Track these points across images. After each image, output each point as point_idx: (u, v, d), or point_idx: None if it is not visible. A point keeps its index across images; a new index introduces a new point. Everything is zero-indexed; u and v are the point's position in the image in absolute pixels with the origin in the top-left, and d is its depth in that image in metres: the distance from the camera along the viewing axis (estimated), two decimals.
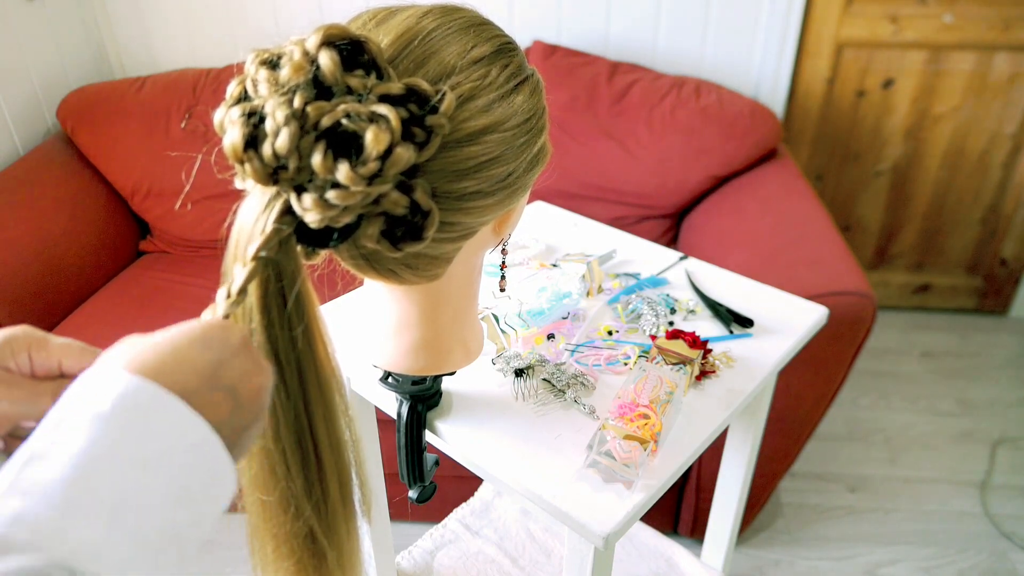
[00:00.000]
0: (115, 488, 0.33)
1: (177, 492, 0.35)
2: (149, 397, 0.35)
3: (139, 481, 0.34)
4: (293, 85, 0.44)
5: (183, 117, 1.87)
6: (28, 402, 0.44)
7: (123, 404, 0.34)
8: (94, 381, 0.36)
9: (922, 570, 1.61)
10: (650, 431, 0.68)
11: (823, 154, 2.21)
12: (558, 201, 1.62)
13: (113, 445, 0.33)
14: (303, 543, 0.51)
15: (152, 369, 0.37)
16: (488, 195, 0.55)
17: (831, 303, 1.15)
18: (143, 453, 0.34)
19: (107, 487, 0.33)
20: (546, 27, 2.01)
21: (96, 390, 0.35)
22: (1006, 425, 1.99)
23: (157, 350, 0.38)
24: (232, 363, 0.40)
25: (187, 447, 0.36)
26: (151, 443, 0.34)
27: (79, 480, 0.32)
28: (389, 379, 0.72)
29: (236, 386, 0.40)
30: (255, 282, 0.45)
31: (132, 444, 0.34)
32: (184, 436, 0.36)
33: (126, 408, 0.34)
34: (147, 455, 0.34)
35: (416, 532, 1.27)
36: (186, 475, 0.35)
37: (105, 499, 0.32)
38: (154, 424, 0.35)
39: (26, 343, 0.45)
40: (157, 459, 0.34)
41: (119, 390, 0.35)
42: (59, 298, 1.67)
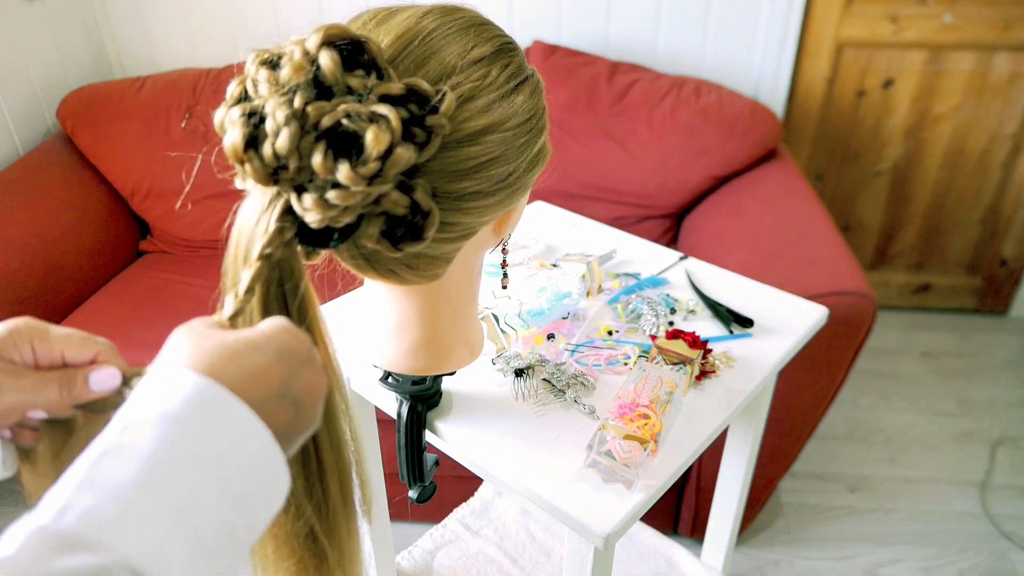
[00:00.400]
0: (180, 490, 0.33)
1: (237, 495, 0.35)
2: (216, 400, 0.36)
3: (202, 483, 0.34)
4: (293, 85, 0.44)
5: (183, 117, 1.87)
6: (34, 392, 0.44)
7: (191, 405, 0.35)
8: (164, 379, 0.36)
9: (922, 570, 1.62)
10: (650, 431, 0.68)
11: (823, 154, 2.21)
12: (558, 201, 1.62)
13: (180, 445, 0.34)
14: (304, 543, 0.51)
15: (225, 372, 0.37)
16: (488, 195, 0.55)
17: (831, 303, 1.15)
18: (207, 455, 0.34)
19: (173, 488, 0.33)
20: (546, 27, 2.01)
21: (166, 388, 0.36)
22: (1006, 425, 1.99)
23: (231, 352, 0.39)
24: (301, 375, 0.41)
25: (250, 452, 0.36)
26: (215, 446, 0.35)
27: (147, 480, 0.33)
28: (389, 379, 0.72)
29: (300, 398, 0.40)
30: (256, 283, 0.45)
31: (198, 445, 0.34)
32: (247, 441, 0.36)
33: (194, 410, 0.35)
34: (211, 457, 0.35)
35: (416, 532, 1.27)
36: (246, 479, 0.36)
37: (170, 500, 0.33)
38: (219, 427, 0.35)
39: (28, 334, 0.45)
40: (220, 462, 0.35)
41: (188, 391, 0.35)
42: (59, 298, 1.67)
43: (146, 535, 0.32)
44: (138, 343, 1.52)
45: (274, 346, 0.40)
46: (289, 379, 0.40)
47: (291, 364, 0.40)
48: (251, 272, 0.44)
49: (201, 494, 0.34)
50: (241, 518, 0.36)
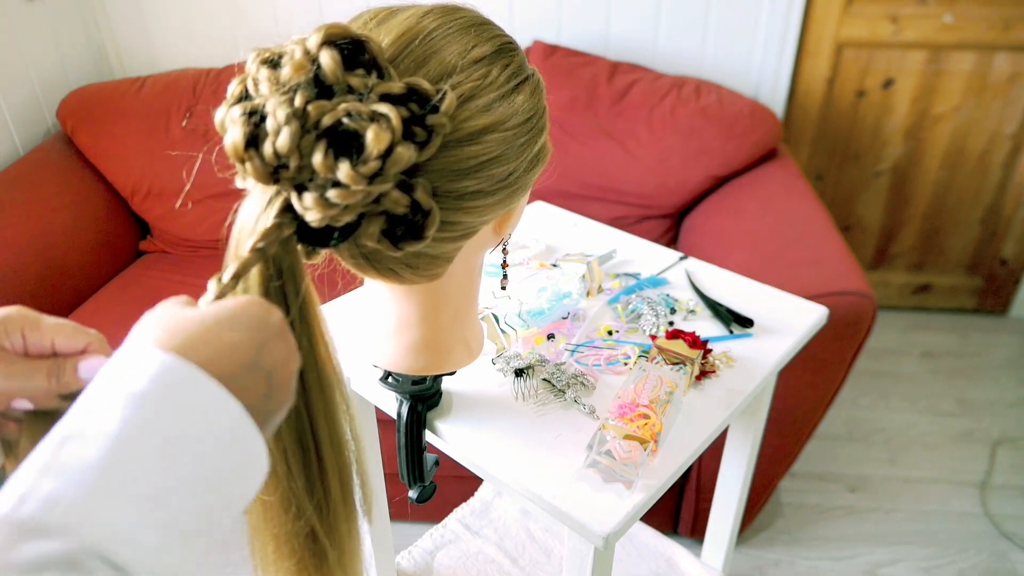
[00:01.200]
0: (149, 471, 0.32)
1: (210, 475, 0.34)
2: (184, 377, 0.35)
3: (173, 463, 0.33)
4: (294, 84, 0.44)
5: (183, 117, 1.87)
6: (23, 378, 0.44)
7: (158, 383, 0.34)
8: (129, 359, 0.35)
9: (922, 570, 1.61)
10: (650, 431, 0.68)
11: (823, 154, 2.21)
12: (558, 201, 1.62)
13: (147, 426, 0.33)
14: (304, 543, 0.51)
15: (193, 348, 0.36)
16: (489, 195, 0.55)
17: (831, 303, 1.15)
18: (177, 434, 0.33)
19: (141, 470, 0.32)
20: (546, 27, 2.01)
21: (131, 368, 0.35)
22: (1006, 425, 1.99)
23: (199, 328, 0.38)
24: (272, 346, 0.40)
25: (221, 429, 0.35)
26: (185, 424, 0.34)
27: (114, 463, 0.32)
28: (389, 379, 0.72)
29: (273, 370, 0.40)
30: (256, 282, 0.45)
31: (166, 425, 0.33)
32: (219, 417, 0.35)
33: (161, 387, 0.34)
34: (181, 436, 0.33)
35: (416, 532, 1.27)
36: (220, 457, 0.35)
37: (139, 483, 0.32)
38: (188, 404, 0.34)
39: (20, 323, 0.44)
40: (191, 441, 0.34)
41: (154, 369, 0.34)
42: (59, 298, 1.67)
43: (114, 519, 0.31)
44: None
45: (244, 318, 0.39)
46: (260, 351, 0.39)
47: (262, 335, 0.39)
48: (238, 262, 0.43)
49: (171, 475, 0.33)
50: (217, 498, 0.35)
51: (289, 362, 0.41)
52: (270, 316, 0.41)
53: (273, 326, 0.41)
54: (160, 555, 0.32)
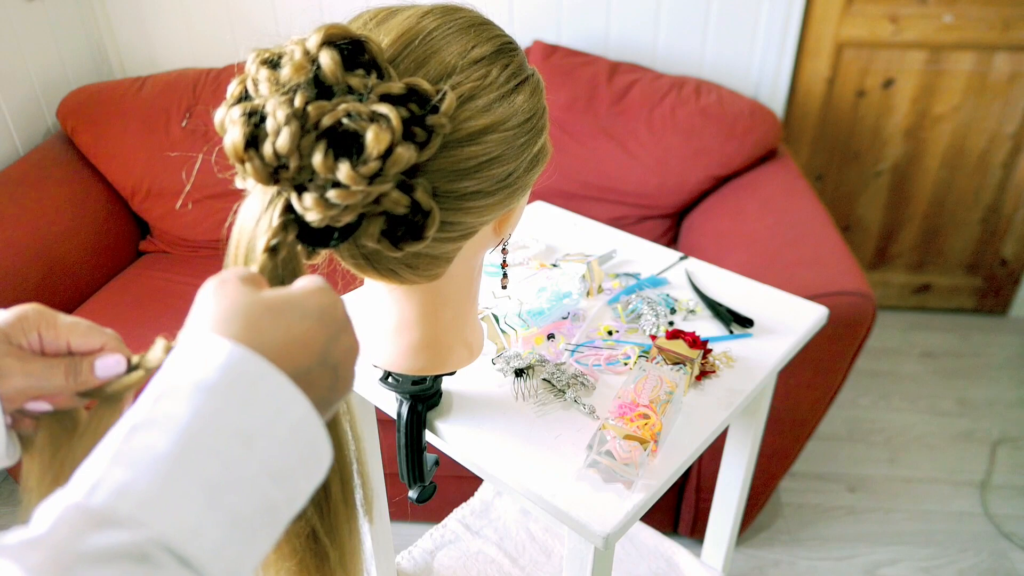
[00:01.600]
0: (217, 463, 0.32)
1: (276, 469, 0.34)
2: (254, 370, 0.35)
3: (240, 457, 0.33)
4: (294, 85, 0.44)
5: (183, 117, 1.87)
6: (41, 376, 0.44)
7: (228, 375, 0.34)
8: (197, 347, 0.35)
9: (922, 570, 1.62)
10: (650, 431, 0.68)
11: (823, 154, 2.21)
12: (558, 201, 1.62)
13: (216, 418, 0.33)
14: (305, 543, 0.51)
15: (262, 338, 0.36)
16: (488, 195, 0.55)
17: (831, 303, 1.15)
18: (246, 427, 0.33)
19: (209, 462, 0.32)
20: (546, 27, 2.01)
21: (199, 358, 0.34)
22: (1006, 425, 1.99)
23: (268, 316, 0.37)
24: (340, 340, 0.40)
25: (289, 424, 0.35)
26: (254, 418, 0.34)
27: (184, 453, 0.32)
28: (389, 379, 0.72)
29: (340, 363, 0.40)
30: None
31: (235, 418, 0.33)
32: (286, 412, 0.35)
33: (231, 380, 0.34)
34: (249, 430, 0.33)
35: (416, 532, 1.27)
36: (286, 452, 0.35)
37: (207, 474, 0.32)
38: (257, 399, 0.34)
39: (37, 321, 0.45)
40: (259, 435, 0.34)
41: (222, 360, 0.34)
42: (59, 298, 1.67)
43: (182, 512, 0.31)
44: (138, 343, 1.52)
45: (316, 309, 0.39)
46: (329, 344, 0.39)
47: (332, 329, 0.40)
48: (256, 267, 0.44)
49: (239, 468, 0.33)
50: (281, 492, 0.35)
51: (354, 353, 0.42)
52: (338, 307, 0.41)
53: (341, 318, 0.41)
54: (223, 549, 0.32)
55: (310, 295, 0.40)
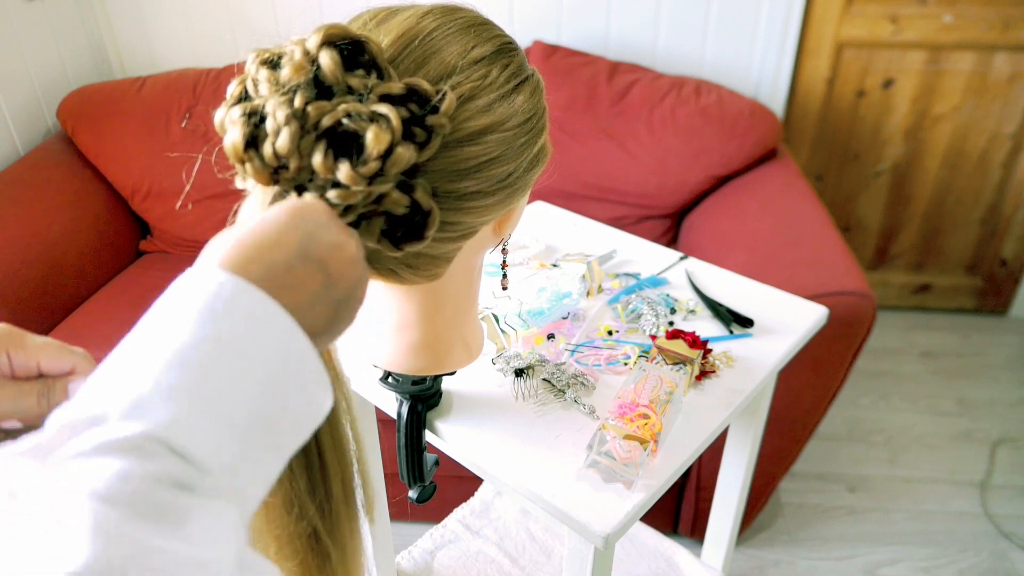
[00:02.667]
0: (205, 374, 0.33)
1: (262, 380, 0.35)
2: (235, 290, 0.36)
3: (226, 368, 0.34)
4: (294, 85, 0.44)
5: (183, 117, 1.87)
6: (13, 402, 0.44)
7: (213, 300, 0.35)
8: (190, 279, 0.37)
9: (922, 570, 1.62)
10: (650, 431, 0.68)
11: (823, 154, 2.21)
12: (558, 201, 1.62)
13: (201, 336, 0.34)
14: (306, 543, 0.51)
15: (241, 257, 0.37)
16: (488, 195, 0.55)
17: (831, 303, 1.15)
18: (228, 342, 0.35)
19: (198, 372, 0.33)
20: (546, 27, 2.01)
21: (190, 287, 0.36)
22: (1006, 425, 1.99)
23: (246, 237, 0.39)
24: (319, 236, 0.40)
25: (271, 339, 0.36)
26: (236, 334, 0.35)
27: (169, 364, 0.33)
28: (389, 379, 0.72)
29: (325, 259, 0.40)
30: None
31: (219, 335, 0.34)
32: (268, 327, 0.36)
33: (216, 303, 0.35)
34: (232, 344, 0.35)
35: (416, 532, 1.27)
36: (270, 365, 0.36)
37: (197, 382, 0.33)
38: (238, 316, 0.35)
39: (5, 342, 0.45)
40: (242, 348, 0.35)
41: (211, 287, 0.35)
42: (59, 298, 1.67)
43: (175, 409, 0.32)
44: None
45: (286, 209, 0.41)
46: (305, 244, 0.40)
47: (305, 227, 0.40)
48: None
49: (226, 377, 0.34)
50: (272, 402, 0.36)
51: (343, 249, 0.42)
52: (313, 209, 0.42)
53: (316, 218, 0.41)
54: (222, 448, 0.33)
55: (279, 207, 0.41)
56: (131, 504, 0.29)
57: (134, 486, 0.29)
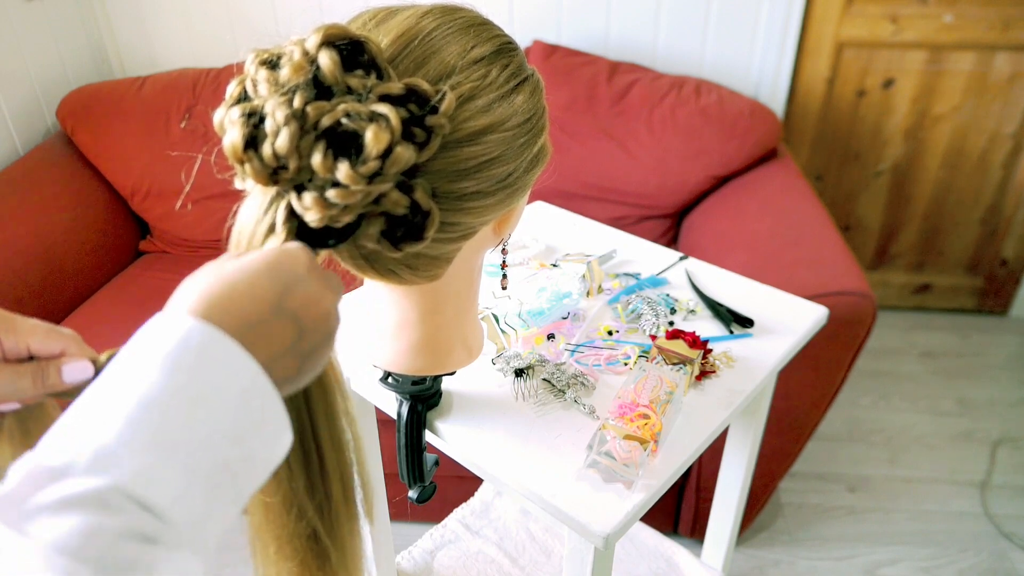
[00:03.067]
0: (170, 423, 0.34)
1: (228, 429, 0.36)
2: (206, 339, 0.36)
3: (193, 418, 0.34)
4: (293, 85, 0.44)
5: (183, 117, 1.87)
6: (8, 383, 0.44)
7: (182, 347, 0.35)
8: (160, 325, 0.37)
9: (922, 570, 1.61)
10: (650, 431, 0.68)
11: (823, 154, 2.21)
12: (558, 201, 1.62)
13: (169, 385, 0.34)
14: (306, 544, 0.51)
15: (219, 306, 0.38)
16: (488, 195, 0.55)
17: (831, 303, 1.15)
18: (196, 392, 0.35)
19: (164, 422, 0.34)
20: (546, 27, 2.01)
21: (160, 333, 0.36)
22: (1006, 425, 1.99)
23: (226, 283, 0.39)
24: (296, 289, 0.41)
25: (239, 389, 0.36)
26: (204, 383, 0.35)
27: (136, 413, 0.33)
28: (389, 379, 0.72)
29: (299, 312, 0.40)
30: None
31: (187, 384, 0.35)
32: (236, 377, 0.36)
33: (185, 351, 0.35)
34: (199, 394, 0.35)
35: (416, 532, 1.27)
36: (236, 414, 0.36)
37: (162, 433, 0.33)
38: (207, 364, 0.36)
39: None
40: (209, 398, 0.35)
41: (180, 335, 0.36)
42: (59, 298, 1.67)
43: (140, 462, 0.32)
44: None
45: (263, 262, 0.41)
46: (283, 297, 0.40)
47: (284, 278, 0.40)
48: None
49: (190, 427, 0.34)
50: (236, 451, 0.36)
51: (318, 302, 0.42)
52: (295, 261, 0.42)
53: (297, 270, 0.41)
54: (183, 498, 0.33)
55: (261, 255, 0.41)
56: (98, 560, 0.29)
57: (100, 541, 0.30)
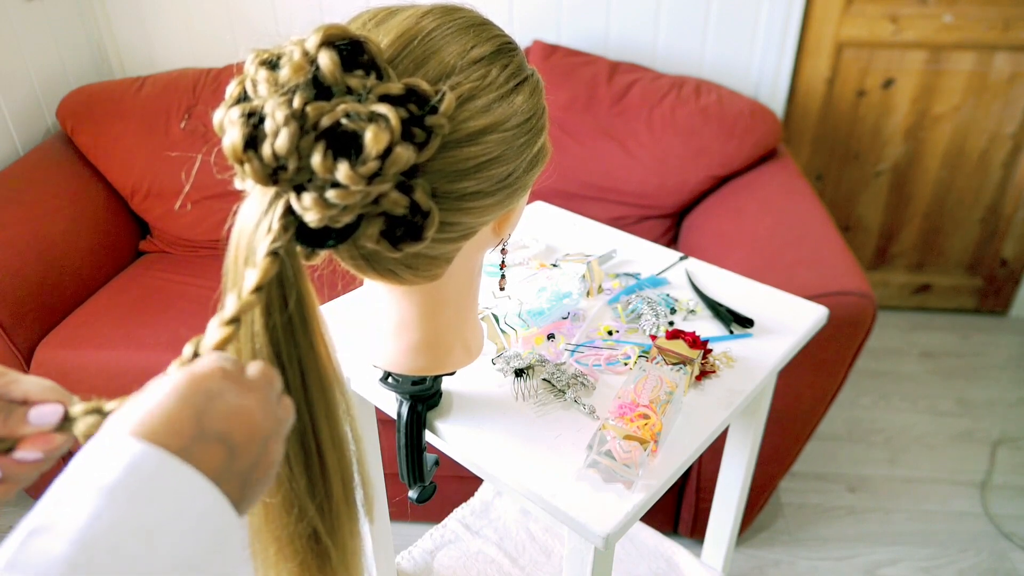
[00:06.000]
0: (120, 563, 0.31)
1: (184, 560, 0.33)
2: (156, 465, 0.34)
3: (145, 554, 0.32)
4: (293, 85, 0.44)
5: (183, 117, 1.87)
6: None
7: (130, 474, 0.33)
8: (100, 450, 0.34)
9: (922, 570, 1.61)
10: (650, 431, 0.68)
11: (823, 154, 2.21)
12: (558, 201, 1.62)
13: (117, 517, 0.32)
14: (307, 544, 0.51)
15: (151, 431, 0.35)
16: (488, 195, 0.55)
17: (831, 303, 1.15)
18: (147, 524, 0.33)
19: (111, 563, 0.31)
20: (546, 27, 2.01)
21: (102, 459, 0.34)
22: (1006, 425, 1.99)
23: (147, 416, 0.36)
24: (213, 408, 0.38)
25: (195, 515, 0.34)
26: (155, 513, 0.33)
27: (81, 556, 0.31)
28: (389, 379, 0.72)
29: (225, 432, 0.38)
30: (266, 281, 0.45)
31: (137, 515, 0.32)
32: (193, 502, 0.35)
33: (133, 478, 0.33)
34: (151, 525, 0.33)
35: (416, 532, 1.27)
36: (194, 543, 0.34)
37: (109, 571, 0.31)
38: (160, 493, 0.34)
39: None
40: (162, 529, 0.33)
41: (127, 460, 0.33)
42: (59, 298, 1.67)
43: None
44: (138, 343, 1.52)
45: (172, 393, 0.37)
46: (200, 421, 0.37)
47: (196, 404, 0.37)
48: (259, 271, 0.43)
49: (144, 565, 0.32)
50: None
51: (242, 412, 0.39)
52: (200, 381, 0.39)
53: (206, 389, 0.38)
54: None
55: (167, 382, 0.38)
56: None
57: None
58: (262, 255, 0.44)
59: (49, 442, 0.42)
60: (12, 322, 1.53)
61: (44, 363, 1.53)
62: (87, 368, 1.52)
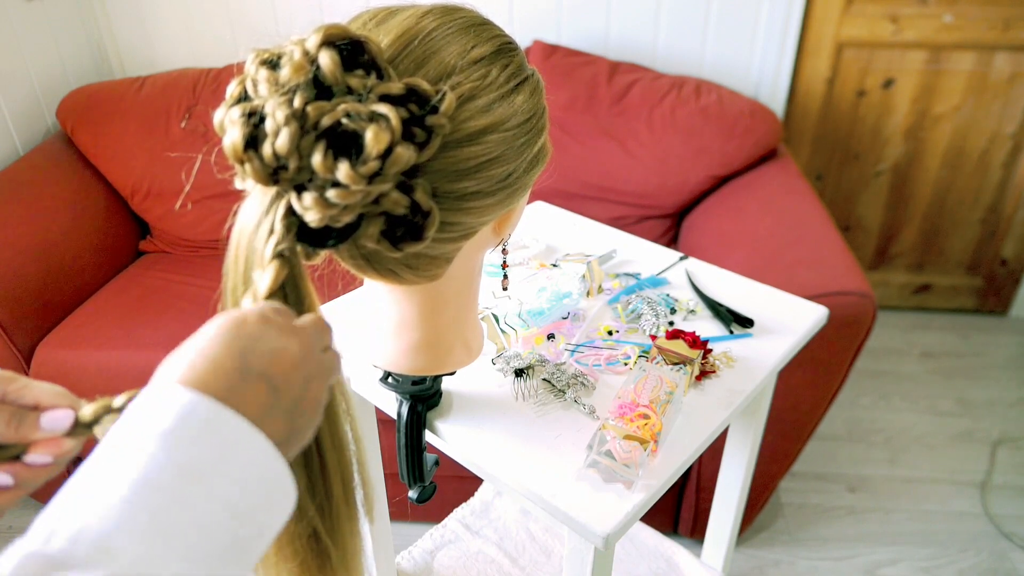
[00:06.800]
0: (174, 505, 0.32)
1: (236, 506, 0.34)
2: (208, 413, 0.35)
3: (198, 499, 0.33)
4: (293, 85, 0.44)
5: (183, 117, 1.87)
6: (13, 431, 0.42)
7: (184, 422, 0.34)
8: (154, 398, 0.35)
9: (922, 570, 1.61)
10: (650, 431, 0.68)
11: (823, 154, 2.21)
12: (558, 201, 1.62)
13: (172, 463, 0.33)
14: (307, 544, 0.51)
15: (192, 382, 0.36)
16: (488, 195, 0.55)
17: (831, 303, 1.15)
18: (202, 470, 0.34)
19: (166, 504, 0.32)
20: (546, 27, 2.01)
21: (156, 407, 0.35)
22: (1006, 425, 1.99)
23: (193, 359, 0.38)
24: (255, 348, 0.39)
25: (243, 461, 0.35)
26: (210, 460, 0.34)
27: (138, 498, 0.32)
28: (389, 379, 0.72)
29: (268, 370, 0.39)
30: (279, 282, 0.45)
31: (191, 461, 0.34)
32: (242, 450, 0.35)
33: (187, 426, 0.34)
34: (206, 472, 0.34)
35: (416, 532, 1.27)
36: (244, 489, 0.35)
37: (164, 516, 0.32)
38: (213, 440, 0.35)
39: None
40: (212, 474, 0.34)
41: (179, 408, 0.35)
42: (59, 298, 1.67)
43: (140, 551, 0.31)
44: (138, 343, 1.52)
45: (216, 335, 0.39)
46: (244, 360, 0.38)
47: (240, 343, 0.39)
48: (270, 275, 0.44)
49: (197, 509, 0.33)
50: (246, 528, 0.35)
51: (284, 355, 0.40)
52: (243, 322, 0.40)
53: (248, 330, 0.40)
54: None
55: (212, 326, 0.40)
56: None
57: None
58: (269, 257, 0.44)
59: (59, 446, 0.42)
60: (12, 322, 1.53)
61: (44, 363, 1.53)
62: (87, 368, 1.52)
